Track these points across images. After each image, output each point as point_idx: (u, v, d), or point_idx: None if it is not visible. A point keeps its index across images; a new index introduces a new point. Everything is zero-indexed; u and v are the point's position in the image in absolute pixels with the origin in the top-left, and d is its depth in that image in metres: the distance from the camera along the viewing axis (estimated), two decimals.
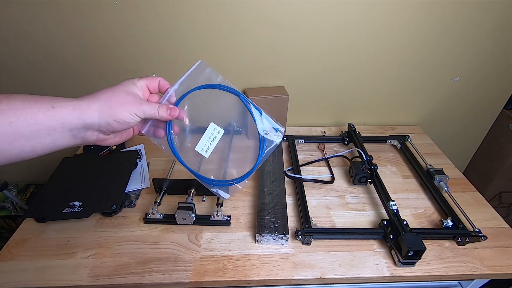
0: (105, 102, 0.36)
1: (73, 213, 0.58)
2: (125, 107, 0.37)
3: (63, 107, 0.33)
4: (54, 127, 0.33)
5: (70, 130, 0.34)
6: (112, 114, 0.36)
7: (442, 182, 0.67)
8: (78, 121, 0.34)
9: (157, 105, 0.40)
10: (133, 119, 0.38)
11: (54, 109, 0.33)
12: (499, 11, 0.73)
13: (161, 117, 0.41)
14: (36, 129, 0.32)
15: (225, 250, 0.55)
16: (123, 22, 0.71)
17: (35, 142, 0.33)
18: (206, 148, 0.46)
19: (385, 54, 0.80)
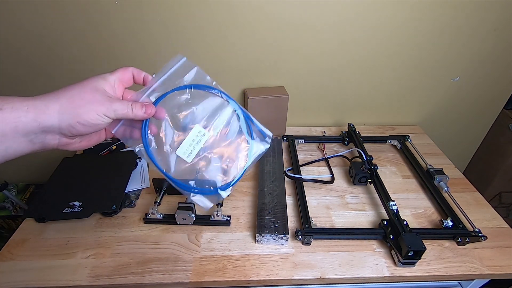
0: (67, 101, 0.31)
1: (73, 213, 0.58)
2: (92, 107, 0.32)
3: (15, 109, 0.29)
4: (4, 133, 0.28)
5: (25, 135, 0.30)
6: (76, 116, 0.31)
7: (442, 182, 0.67)
8: (34, 124, 0.29)
9: (130, 103, 0.35)
10: (102, 121, 0.33)
11: (3, 111, 0.28)
12: (499, 11, 0.73)
13: (136, 116, 0.36)
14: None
15: (225, 250, 0.55)
16: (123, 22, 0.71)
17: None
18: (189, 152, 0.42)
19: (385, 54, 0.80)
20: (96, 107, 0.32)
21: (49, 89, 0.34)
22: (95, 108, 0.32)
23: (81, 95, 0.32)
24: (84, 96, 0.32)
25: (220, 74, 0.82)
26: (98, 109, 0.32)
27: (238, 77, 0.83)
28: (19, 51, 0.75)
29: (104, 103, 0.33)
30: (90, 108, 0.32)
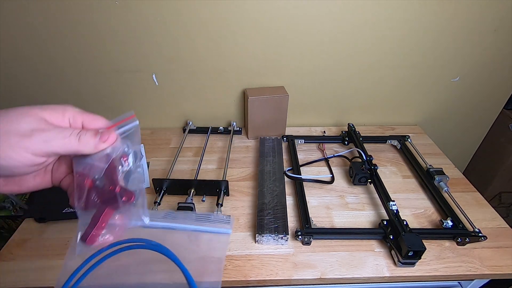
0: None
1: (73, 213, 0.58)
2: (9, 141, 0.22)
3: None
4: None
5: None
6: None
7: (442, 182, 0.67)
8: None
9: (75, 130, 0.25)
10: (22, 161, 0.23)
11: None
12: (499, 11, 0.73)
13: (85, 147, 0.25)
14: None
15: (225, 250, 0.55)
16: (123, 22, 0.71)
17: None
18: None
19: (385, 54, 0.80)
20: (13, 141, 0.22)
21: (48, 90, 0.32)
22: (12, 142, 0.22)
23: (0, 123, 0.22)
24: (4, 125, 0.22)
25: (220, 74, 0.82)
26: (17, 144, 0.22)
27: (238, 77, 0.83)
28: (19, 51, 0.75)
29: (32, 135, 0.22)
30: (5, 142, 0.22)
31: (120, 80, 0.82)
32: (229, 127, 0.89)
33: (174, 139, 0.87)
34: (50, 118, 0.24)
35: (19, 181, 0.26)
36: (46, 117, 0.24)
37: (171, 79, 0.82)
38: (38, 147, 0.23)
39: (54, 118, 0.25)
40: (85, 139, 0.24)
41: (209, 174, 0.74)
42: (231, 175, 0.73)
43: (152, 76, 0.81)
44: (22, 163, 0.23)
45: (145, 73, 0.81)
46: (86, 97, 0.84)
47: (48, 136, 0.23)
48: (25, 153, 0.22)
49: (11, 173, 0.24)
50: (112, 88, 0.83)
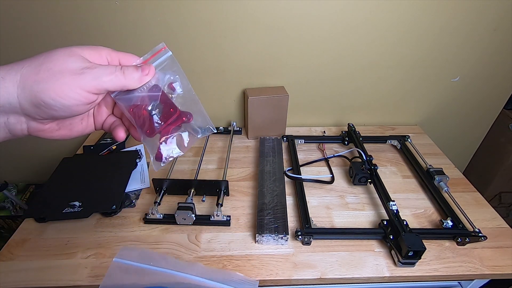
0: (29, 70, 0.23)
1: (73, 213, 0.58)
2: (64, 80, 0.23)
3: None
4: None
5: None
6: (40, 92, 0.22)
7: (442, 182, 0.67)
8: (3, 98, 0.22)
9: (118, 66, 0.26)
10: (79, 100, 0.24)
11: None
12: (499, 11, 0.73)
13: (131, 82, 0.26)
14: None
15: (225, 250, 0.55)
16: (123, 22, 0.71)
17: None
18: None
19: (385, 54, 0.80)
20: (68, 79, 0.23)
21: None
22: (67, 80, 0.23)
23: (49, 64, 0.23)
24: (53, 65, 0.23)
25: (220, 74, 0.82)
26: (72, 82, 0.23)
27: (238, 77, 0.83)
28: (18, 52, 0.75)
29: (83, 72, 0.23)
30: (60, 81, 0.23)
31: None
32: (229, 127, 0.89)
33: None
34: (90, 57, 0.26)
35: (70, 125, 0.28)
36: (86, 56, 0.25)
37: None
38: (91, 84, 0.24)
39: (93, 57, 0.26)
40: (129, 74, 0.26)
41: (209, 174, 0.74)
42: (231, 175, 0.73)
43: None
44: (80, 101, 0.24)
45: None
46: None
47: (97, 73, 0.24)
48: (80, 90, 0.23)
49: (70, 113, 0.25)
50: None
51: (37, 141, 0.94)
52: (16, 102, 0.23)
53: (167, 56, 0.31)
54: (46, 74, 0.23)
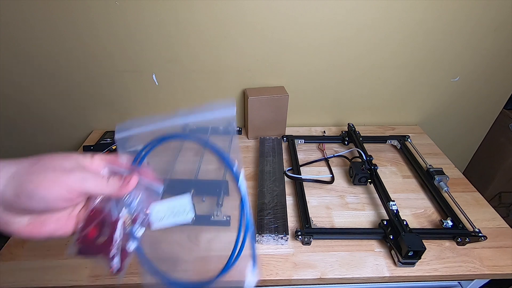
0: (28, 164, 0.25)
1: None
2: (52, 174, 0.25)
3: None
4: None
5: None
6: (25, 182, 0.24)
7: (442, 182, 0.67)
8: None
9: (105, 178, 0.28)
10: (58, 195, 0.25)
11: None
12: (499, 11, 0.73)
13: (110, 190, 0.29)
14: None
15: (225, 250, 0.55)
16: (123, 22, 0.71)
17: None
18: (162, 216, 0.33)
19: (385, 54, 0.80)
20: (56, 175, 0.25)
21: (48, 89, 0.33)
22: (55, 176, 0.25)
23: (46, 161, 0.26)
24: (49, 162, 0.26)
25: (220, 74, 0.82)
26: (58, 178, 0.25)
27: (238, 77, 0.83)
28: (18, 51, 0.75)
29: (72, 172, 0.26)
30: (48, 175, 0.25)
31: (120, 80, 0.82)
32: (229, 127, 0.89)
33: None
34: (85, 163, 0.29)
35: (43, 222, 0.28)
36: (80, 161, 0.28)
37: (171, 79, 0.82)
38: (75, 183, 0.26)
39: (88, 163, 0.29)
40: (111, 184, 0.28)
41: (209, 174, 0.73)
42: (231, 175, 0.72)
43: (152, 76, 0.81)
44: (60, 196, 0.25)
45: (145, 73, 0.81)
46: (86, 97, 0.84)
47: (85, 176, 0.27)
48: (65, 186, 0.25)
49: (45, 207, 0.25)
50: (112, 88, 0.83)
51: (37, 141, 0.94)
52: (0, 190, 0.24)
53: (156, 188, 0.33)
54: (39, 169, 0.25)
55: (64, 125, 0.91)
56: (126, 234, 0.31)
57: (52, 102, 0.85)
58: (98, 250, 0.30)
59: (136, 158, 0.33)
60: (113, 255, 0.30)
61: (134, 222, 0.31)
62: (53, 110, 0.86)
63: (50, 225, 0.28)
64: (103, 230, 0.30)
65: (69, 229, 0.29)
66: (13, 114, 0.87)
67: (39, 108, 0.86)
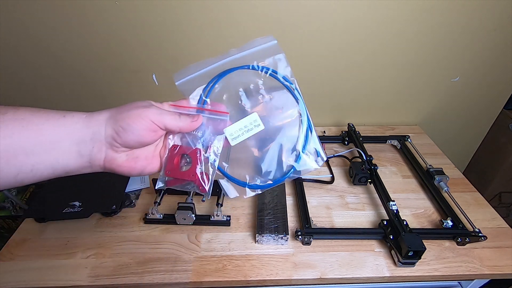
0: (116, 109, 0.32)
1: (73, 213, 0.58)
2: (137, 111, 0.32)
3: (75, 116, 0.30)
4: (60, 138, 0.29)
5: (77, 144, 0.30)
6: (120, 119, 0.31)
7: (442, 182, 0.67)
8: (85, 130, 0.30)
9: (178, 112, 0.35)
10: (145, 125, 0.32)
11: (64, 118, 0.30)
12: (499, 11, 0.73)
13: (182, 125, 0.35)
14: (39, 141, 0.28)
15: (225, 250, 0.55)
16: (123, 22, 0.71)
17: (36, 159, 0.28)
18: (237, 135, 0.38)
19: (385, 54, 0.80)
20: (140, 111, 0.32)
21: (48, 89, 0.34)
22: (139, 111, 0.32)
23: (129, 105, 0.33)
24: (131, 105, 0.33)
25: None
26: (142, 112, 0.32)
27: None
28: (18, 52, 0.75)
29: (150, 107, 0.33)
30: (134, 112, 0.32)
31: (120, 80, 0.82)
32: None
33: None
34: (156, 104, 0.35)
35: (136, 158, 0.34)
36: (153, 103, 0.34)
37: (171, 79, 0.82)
38: (155, 116, 0.32)
39: (159, 106, 0.35)
40: (184, 118, 0.35)
41: None
42: None
43: (152, 76, 0.81)
44: (146, 126, 0.32)
45: (145, 73, 0.81)
46: (86, 96, 0.84)
47: (161, 111, 0.33)
48: (147, 118, 0.32)
49: (138, 138, 0.32)
50: (112, 88, 0.83)
51: None
52: (103, 130, 0.31)
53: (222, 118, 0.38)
54: (126, 109, 0.32)
55: None
56: (205, 160, 0.37)
57: (52, 102, 0.84)
58: (184, 179, 0.36)
59: (200, 98, 0.38)
60: (198, 179, 0.36)
61: (209, 150, 0.37)
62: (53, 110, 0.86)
63: (141, 161, 0.35)
64: (184, 161, 0.37)
65: (155, 166, 0.36)
66: None
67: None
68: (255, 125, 0.39)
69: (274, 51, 0.43)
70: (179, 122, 0.34)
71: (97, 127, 0.31)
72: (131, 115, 0.31)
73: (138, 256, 0.54)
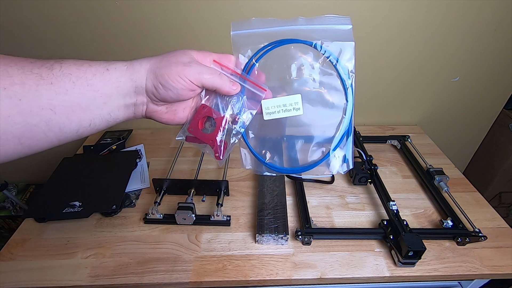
0: (156, 61, 0.32)
1: (73, 213, 0.58)
2: (176, 68, 0.31)
3: (118, 69, 0.30)
4: (110, 94, 0.29)
5: (123, 97, 0.31)
6: (159, 75, 0.31)
7: (442, 182, 0.67)
8: (130, 84, 0.31)
9: (219, 72, 0.34)
10: (184, 85, 0.31)
11: (109, 72, 0.30)
12: (499, 11, 0.73)
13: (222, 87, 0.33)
14: (93, 96, 0.28)
15: (225, 250, 0.55)
16: (123, 22, 0.71)
17: (93, 114, 0.29)
18: (272, 111, 0.36)
19: (385, 54, 0.80)
20: (180, 69, 0.31)
21: None
22: (178, 69, 0.31)
23: (169, 57, 0.32)
24: (171, 58, 0.32)
25: None
26: (182, 72, 0.31)
27: None
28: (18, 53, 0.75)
29: (190, 66, 0.31)
30: (174, 69, 0.31)
31: None
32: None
33: (174, 139, 0.87)
34: (198, 58, 0.34)
35: (174, 111, 0.35)
36: (195, 56, 0.33)
37: None
38: (194, 76, 0.31)
39: (200, 58, 0.34)
40: (224, 79, 0.33)
41: (209, 174, 0.74)
42: (231, 175, 0.73)
43: None
44: (184, 85, 0.31)
45: None
46: None
47: (201, 69, 0.32)
48: (185, 77, 0.31)
49: (176, 94, 0.32)
50: None
51: None
52: (144, 84, 0.31)
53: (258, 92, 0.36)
54: (165, 63, 0.31)
55: None
56: (229, 130, 0.36)
57: None
58: (204, 139, 0.35)
59: (247, 63, 0.36)
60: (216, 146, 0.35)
61: (235, 122, 0.36)
62: None
63: (180, 113, 0.36)
64: (209, 124, 0.36)
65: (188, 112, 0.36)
66: None
67: None
68: (295, 108, 0.36)
69: (345, 36, 0.39)
70: (217, 82, 0.33)
71: (139, 80, 0.31)
72: (170, 73, 0.31)
73: (138, 256, 0.54)
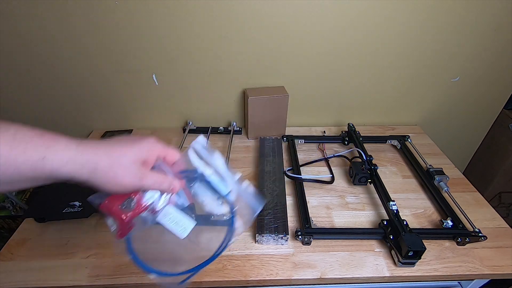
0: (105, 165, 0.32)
1: (73, 213, 0.58)
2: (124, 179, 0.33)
3: (55, 161, 0.28)
4: (39, 177, 0.29)
5: (55, 179, 0.30)
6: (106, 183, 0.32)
7: (442, 182, 0.67)
8: (66, 176, 0.30)
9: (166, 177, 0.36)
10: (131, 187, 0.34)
11: (43, 161, 0.28)
12: (499, 11, 0.73)
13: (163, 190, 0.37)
14: (17, 179, 0.28)
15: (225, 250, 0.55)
16: (123, 22, 0.71)
17: (11, 187, 0.29)
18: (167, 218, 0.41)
19: (385, 54, 0.80)
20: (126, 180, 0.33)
21: (48, 90, 0.34)
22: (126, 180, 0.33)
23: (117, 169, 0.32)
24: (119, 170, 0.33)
25: (220, 74, 0.82)
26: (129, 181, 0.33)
27: (238, 77, 0.83)
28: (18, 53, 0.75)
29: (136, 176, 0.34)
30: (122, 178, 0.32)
31: (120, 80, 0.82)
32: (229, 127, 0.89)
33: (174, 139, 0.87)
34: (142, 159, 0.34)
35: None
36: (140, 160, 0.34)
37: (171, 79, 0.82)
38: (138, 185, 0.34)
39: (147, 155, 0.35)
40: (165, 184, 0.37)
41: None
42: None
43: (152, 76, 0.81)
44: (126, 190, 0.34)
45: (145, 73, 0.81)
46: (86, 97, 0.84)
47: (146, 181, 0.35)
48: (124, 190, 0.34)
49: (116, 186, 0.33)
50: (112, 88, 0.83)
51: None
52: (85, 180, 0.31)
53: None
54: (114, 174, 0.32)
55: (64, 125, 0.91)
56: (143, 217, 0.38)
57: (53, 102, 0.84)
58: (113, 213, 0.36)
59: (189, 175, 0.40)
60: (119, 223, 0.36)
61: (146, 210, 0.37)
62: (53, 110, 0.86)
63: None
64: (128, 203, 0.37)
65: None
66: (14, 114, 0.87)
67: (40, 109, 0.86)
68: (183, 228, 0.42)
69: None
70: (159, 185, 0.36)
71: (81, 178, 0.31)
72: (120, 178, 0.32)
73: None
